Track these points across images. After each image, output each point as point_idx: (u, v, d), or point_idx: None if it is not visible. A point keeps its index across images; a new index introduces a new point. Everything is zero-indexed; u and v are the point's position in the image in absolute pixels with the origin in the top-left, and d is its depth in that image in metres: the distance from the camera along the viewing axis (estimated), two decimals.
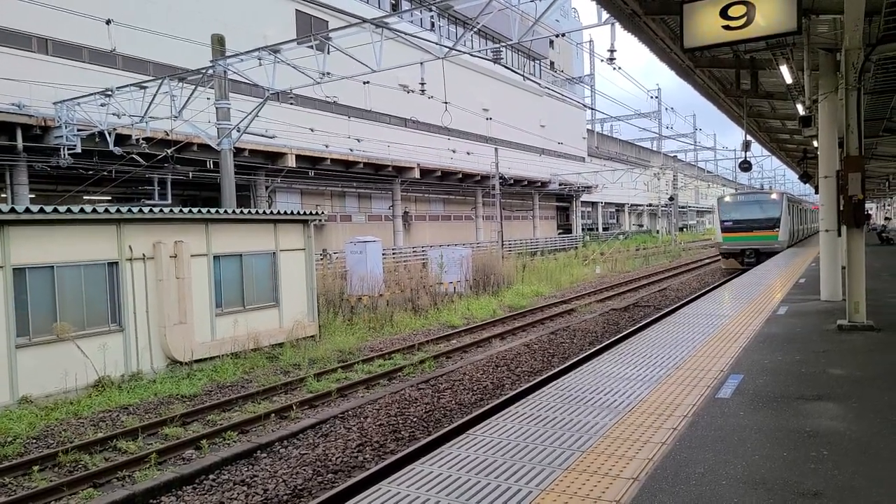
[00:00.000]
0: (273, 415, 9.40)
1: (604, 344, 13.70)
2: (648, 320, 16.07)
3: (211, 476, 7.35)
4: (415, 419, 9.09)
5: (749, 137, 20.12)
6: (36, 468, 7.44)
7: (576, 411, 5.43)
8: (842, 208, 8.89)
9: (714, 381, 6.20)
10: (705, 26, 6.35)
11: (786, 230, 26.08)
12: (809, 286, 13.31)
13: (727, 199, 27.96)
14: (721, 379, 6.29)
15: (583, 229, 58.62)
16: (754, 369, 6.64)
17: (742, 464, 4.13)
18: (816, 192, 17.57)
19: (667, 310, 17.67)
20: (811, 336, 8.38)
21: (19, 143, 19.60)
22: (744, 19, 6.09)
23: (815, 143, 16.09)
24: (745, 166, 19.69)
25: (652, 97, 43.19)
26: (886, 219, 59.40)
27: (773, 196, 26.92)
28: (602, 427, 4.99)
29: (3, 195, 20.91)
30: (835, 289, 11.26)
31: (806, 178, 26.94)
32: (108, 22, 18.65)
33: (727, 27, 6.19)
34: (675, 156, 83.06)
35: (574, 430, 4.93)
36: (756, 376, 6.35)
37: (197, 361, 12.18)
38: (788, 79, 12.34)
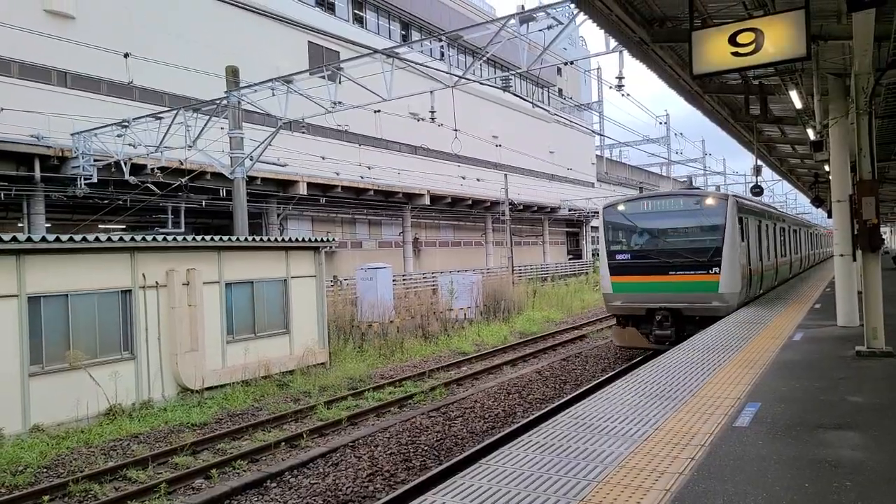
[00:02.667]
0: (283, 443, 9.33)
1: (616, 371, 13.54)
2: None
3: None
4: (426, 448, 8.98)
5: (760, 162, 20.09)
6: (46, 498, 7.40)
7: (590, 440, 5.34)
8: (856, 233, 8.80)
9: (731, 410, 6.09)
10: (714, 53, 6.39)
11: (734, 270, 13.11)
12: (825, 311, 13.12)
13: (621, 206, 14.60)
14: (738, 407, 6.17)
15: (593, 254, 58.41)
16: (772, 397, 6.51)
17: (763, 495, 4.03)
18: (829, 217, 17.27)
19: None
20: (829, 362, 8.23)
21: (37, 173, 19.95)
22: (752, 46, 6.13)
23: (827, 168, 16.02)
24: (757, 191, 19.61)
25: (661, 123, 43.36)
26: None
27: (709, 201, 13.68)
28: (618, 457, 4.89)
29: (21, 224, 21.21)
30: (851, 314, 11.09)
31: (818, 202, 26.77)
32: (125, 55, 19.08)
33: (736, 54, 6.22)
34: (685, 181, 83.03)
35: (589, 460, 4.85)
36: (774, 404, 6.22)
37: (208, 389, 12.15)
38: (798, 104, 12.35)
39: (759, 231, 16.03)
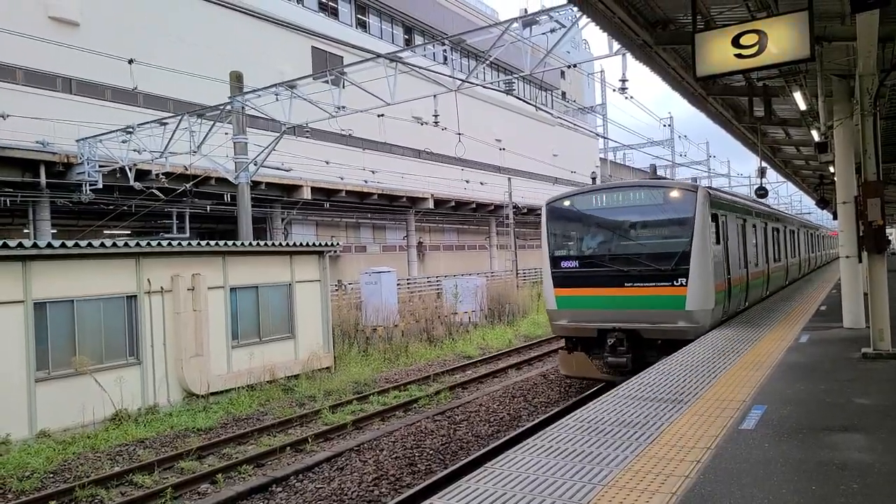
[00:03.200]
0: (288, 448, 9.33)
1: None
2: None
3: None
4: (431, 452, 8.98)
5: (764, 164, 20.03)
6: (53, 503, 7.42)
7: (595, 443, 5.33)
8: (862, 234, 8.77)
9: (737, 412, 6.07)
10: (717, 55, 6.38)
11: (705, 281, 10.62)
12: (831, 313, 13.06)
13: (567, 202, 12.18)
14: (744, 410, 6.15)
15: None
16: (778, 399, 6.49)
17: (769, 498, 4.01)
18: (835, 218, 17.10)
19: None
20: (835, 365, 8.19)
21: (42, 179, 20.07)
22: (756, 47, 6.12)
23: (832, 169, 15.97)
24: (762, 193, 19.56)
25: (665, 125, 43.30)
26: None
27: (674, 194, 11.17)
28: (623, 459, 4.88)
29: (26, 231, 21.32)
30: (857, 316, 11.03)
31: (823, 203, 26.68)
32: (130, 62, 19.19)
33: (739, 55, 6.21)
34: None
35: (595, 463, 4.83)
36: (780, 407, 6.20)
37: (213, 394, 12.17)
38: (802, 105, 12.31)
39: (741, 231, 13.46)
